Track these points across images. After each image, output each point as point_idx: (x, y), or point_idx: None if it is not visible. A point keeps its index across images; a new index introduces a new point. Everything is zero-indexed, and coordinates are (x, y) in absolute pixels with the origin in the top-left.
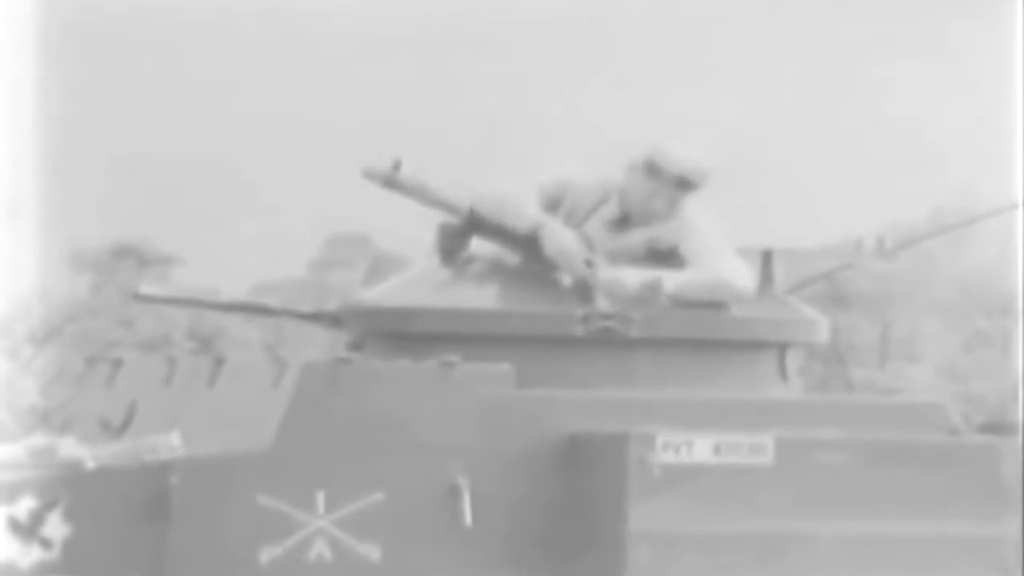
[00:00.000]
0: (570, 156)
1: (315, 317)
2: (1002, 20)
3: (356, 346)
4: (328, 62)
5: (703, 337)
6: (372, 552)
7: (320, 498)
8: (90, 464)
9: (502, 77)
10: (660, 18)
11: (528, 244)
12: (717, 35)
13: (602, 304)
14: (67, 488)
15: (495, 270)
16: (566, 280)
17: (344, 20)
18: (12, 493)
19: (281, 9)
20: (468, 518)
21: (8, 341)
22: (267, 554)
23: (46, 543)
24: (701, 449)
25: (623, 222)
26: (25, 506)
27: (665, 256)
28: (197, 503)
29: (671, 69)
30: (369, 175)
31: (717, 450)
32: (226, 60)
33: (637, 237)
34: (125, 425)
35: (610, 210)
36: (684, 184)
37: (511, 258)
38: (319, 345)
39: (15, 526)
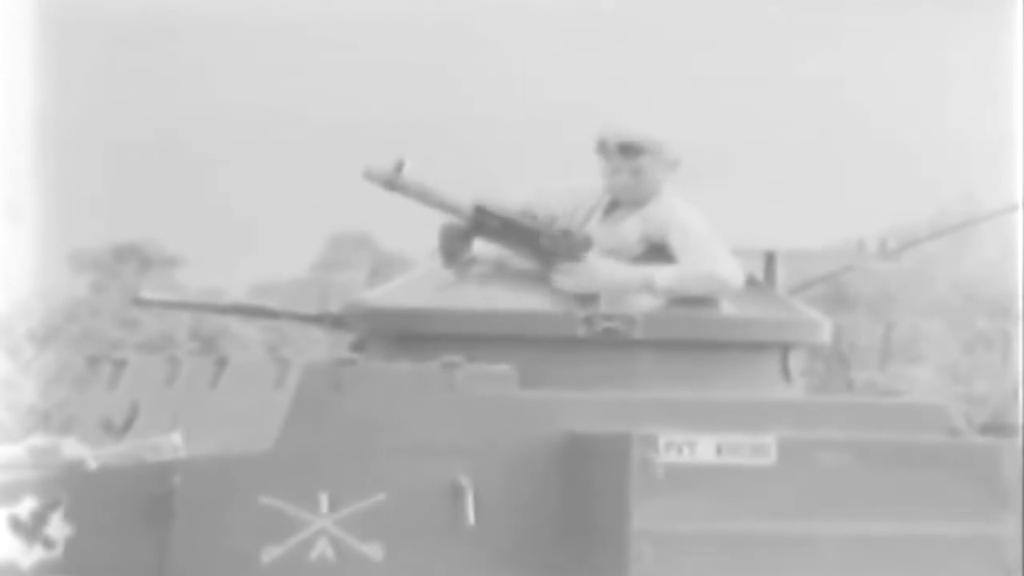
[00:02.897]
0: (559, 157)
1: (317, 319)
2: (1001, 20)
3: (358, 347)
4: (329, 62)
5: (705, 338)
6: (375, 552)
7: (322, 498)
8: (92, 464)
9: (503, 77)
10: (659, 16)
11: (531, 242)
12: (717, 34)
13: (604, 305)
14: (69, 488)
15: (498, 271)
16: (565, 282)
17: (345, 20)
18: (14, 493)
19: (281, 8)
20: (471, 518)
21: (8, 341)
22: (269, 554)
23: (48, 543)
24: (704, 449)
25: (612, 209)
26: (27, 506)
27: (660, 252)
28: (199, 503)
29: (671, 67)
30: (371, 176)
31: (719, 451)
32: (226, 60)
33: (629, 229)
34: (127, 425)
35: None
36: (627, 150)
37: (514, 259)
38: (322, 345)
39: (17, 526)
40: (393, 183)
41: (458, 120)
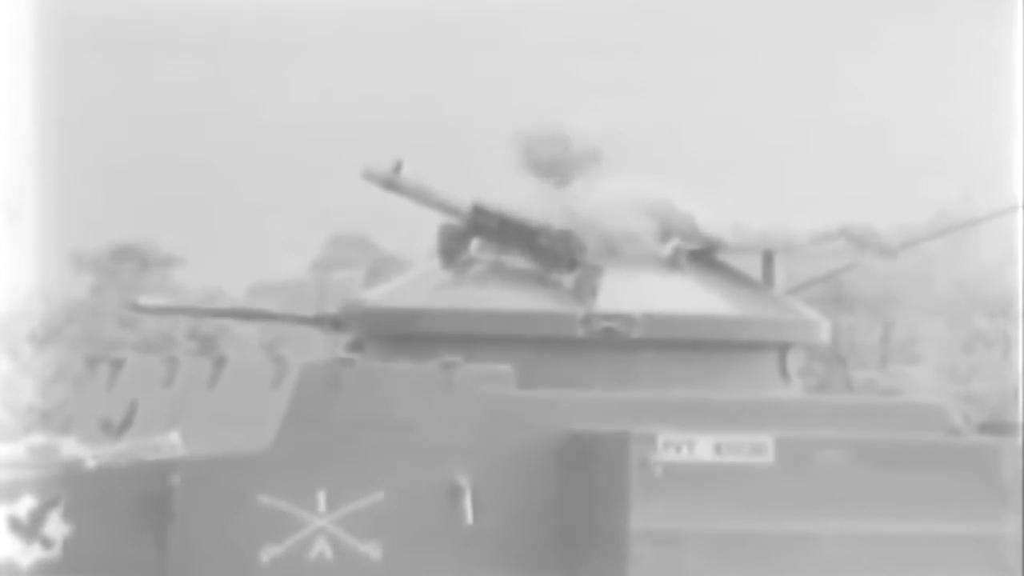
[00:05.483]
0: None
1: (315, 321)
2: (1002, 21)
3: (357, 347)
4: (329, 62)
5: (704, 338)
6: (373, 551)
7: (321, 497)
8: (91, 463)
9: (502, 77)
10: (667, 16)
11: (529, 242)
12: (720, 39)
13: (603, 305)
14: (68, 487)
15: (496, 271)
16: (567, 281)
17: (344, 20)
18: (13, 492)
19: (281, 10)
20: (469, 517)
21: (8, 341)
22: (268, 553)
23: (47, 542)
24: (702, 448)
25: None
26: (26, 505)
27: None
28: (198, 502)
29: (673, 71)
30: (369, 177)
31: (718, 450)
32: (226, 60)
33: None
34: (126, 425)
35: None
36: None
37: (512, 259)
38: (320, 345)
39: (16, 525)
40: (392, 183)
41: (458, 120)
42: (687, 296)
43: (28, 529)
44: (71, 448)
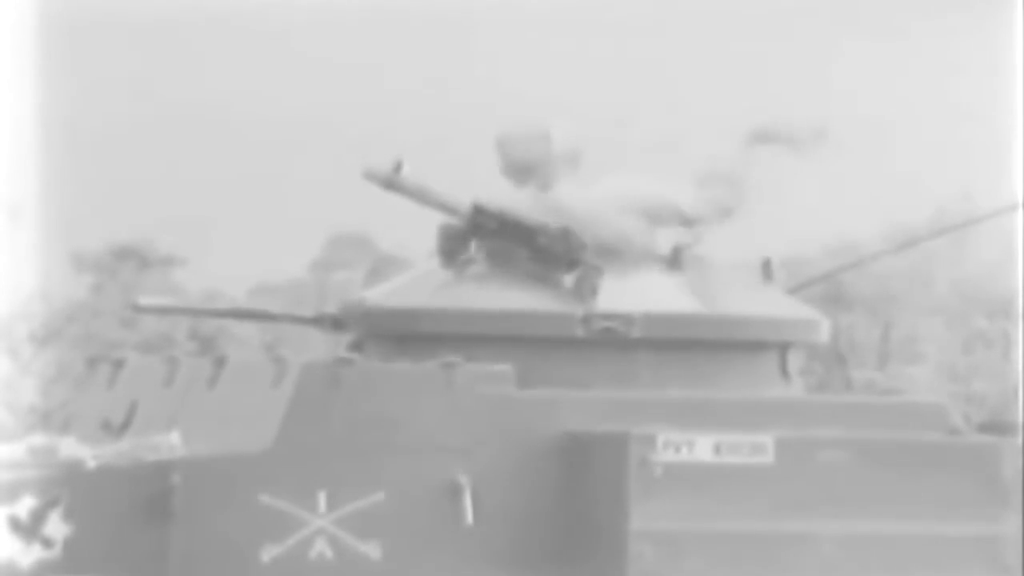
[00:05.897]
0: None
1: (316, 321)
2: (1001, 20)
3: (357, 346)
4: (329, 62)
5: (704, 337)
6: (373, 551)
7: (321, 497)
8: (91, 464)
9: (504, 76)
10: (669, 14)
11: (529, 242)
12: (716, 39)
13: (603, 304)
14: (68, 487)
15: (495, 271)
16: (567, 281)
17: (345, 20)
18: (13, 492)
19: (282, 10)
20: (469, 517)
21: (9, 341)
22: (268, 553)
23: (47, 542)
24: (702, 448)
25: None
26: (26, 505)
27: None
28: (198, 502)
29: (669, 72)
30: (370, 176)
31: (718, 449)
32: (227, 60)
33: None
34: (126, 425)
35: None
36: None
37: (512, 259)
38: (320, 345)
39: (16, 525)
40: (392, 183)
41: (458, 120)
42: (687, 296)
43: (28, 529)
44: (71, 448)
